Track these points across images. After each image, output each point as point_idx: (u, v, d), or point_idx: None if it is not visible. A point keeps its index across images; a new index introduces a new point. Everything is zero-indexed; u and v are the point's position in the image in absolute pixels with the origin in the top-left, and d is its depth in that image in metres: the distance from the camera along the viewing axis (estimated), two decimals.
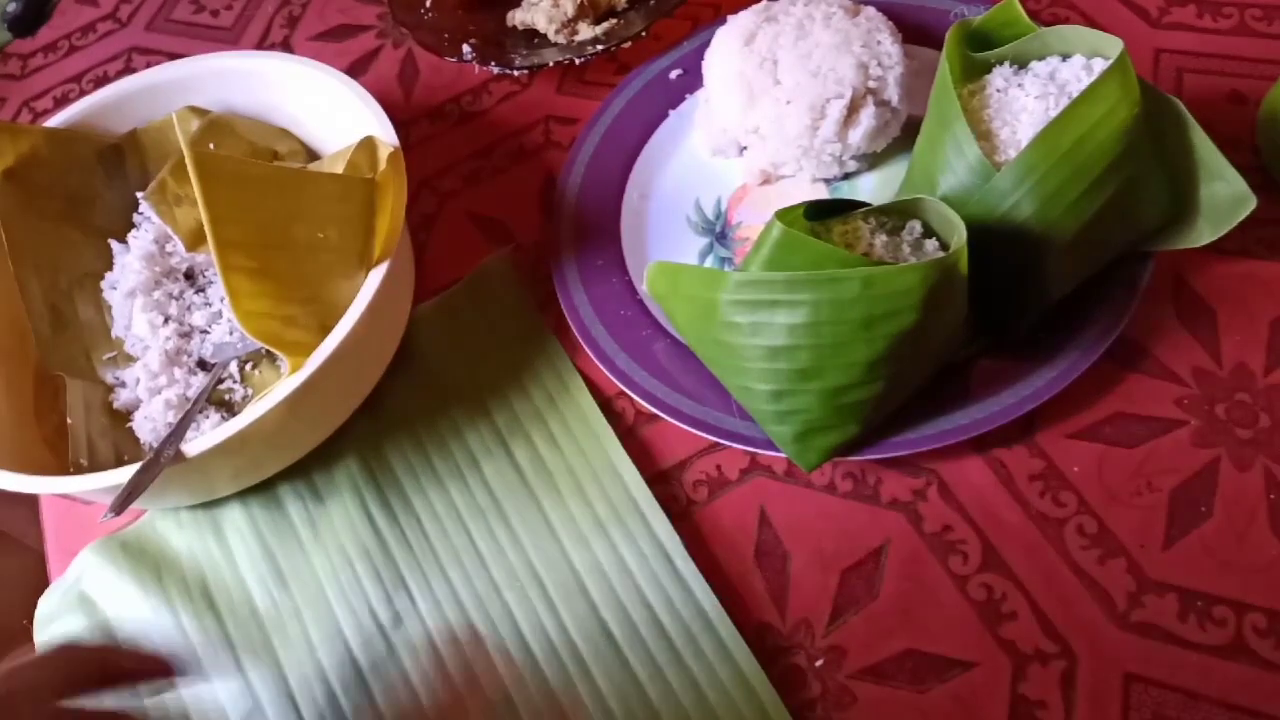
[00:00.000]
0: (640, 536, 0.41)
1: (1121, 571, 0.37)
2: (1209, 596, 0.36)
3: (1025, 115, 0.40)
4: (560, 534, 0.42)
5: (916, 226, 0.39)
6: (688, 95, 0.54)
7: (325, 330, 0.41)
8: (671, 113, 0.53)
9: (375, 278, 0.42)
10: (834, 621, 0.38)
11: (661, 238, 0.50)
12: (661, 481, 0.43)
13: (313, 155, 0.53)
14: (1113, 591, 0.37)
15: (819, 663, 0.37)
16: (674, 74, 0.54)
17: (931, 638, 0.37)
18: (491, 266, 0.50)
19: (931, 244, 0.38)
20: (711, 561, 0.40)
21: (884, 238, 0.38)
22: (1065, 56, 0.42)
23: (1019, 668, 0.36)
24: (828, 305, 0.35)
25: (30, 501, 0.49)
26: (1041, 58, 0.42)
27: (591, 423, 0.44)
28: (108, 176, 0.53)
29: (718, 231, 0.49)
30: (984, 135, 0.40)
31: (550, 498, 0.43)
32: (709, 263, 0.48)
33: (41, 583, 0.47)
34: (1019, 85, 0.41)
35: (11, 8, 0.75)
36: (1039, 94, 0.40)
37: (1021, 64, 0.42)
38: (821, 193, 0.49)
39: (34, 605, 0.45)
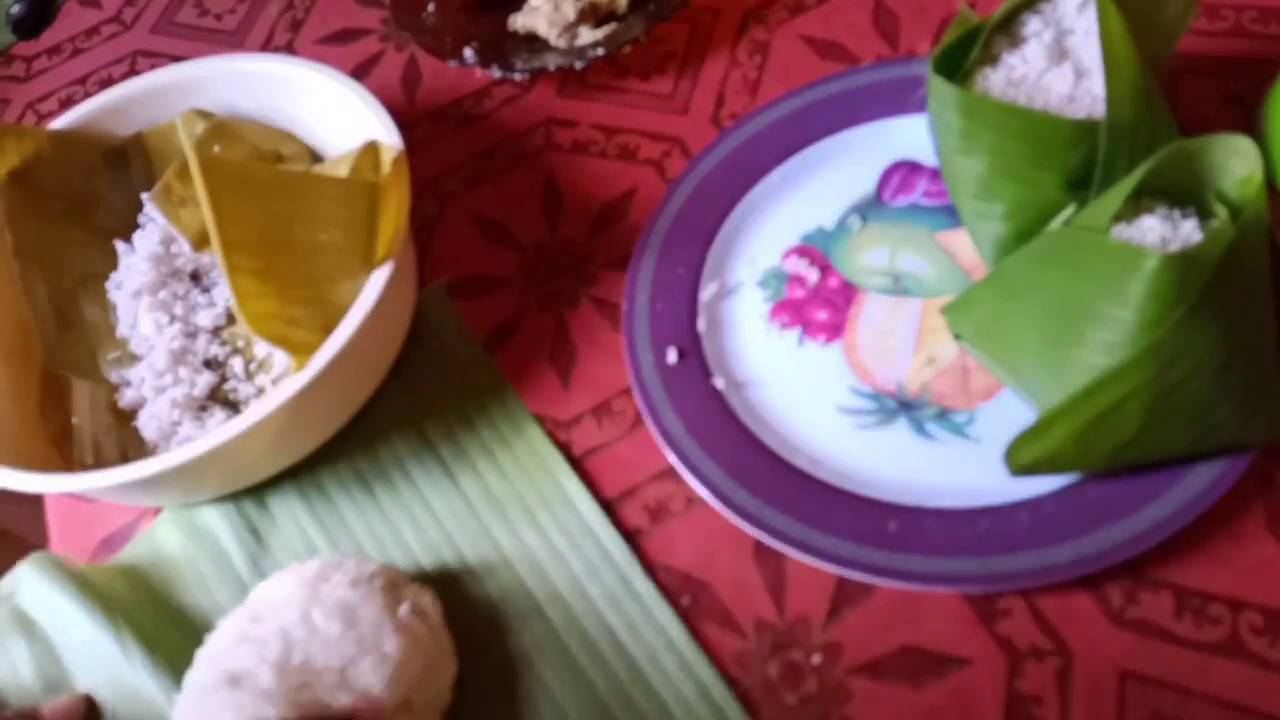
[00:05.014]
0: (597, 561, 0.41)
1: (1117, 569, 0.37)
2: (1205, 594, 0.36)
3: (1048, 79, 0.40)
4: (516, 564, 0.42)
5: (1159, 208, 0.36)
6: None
7: (329, 331, 0.41)
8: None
9: (379, 279, 0.42)
10: (832, 618, 0.38)
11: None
12: (666, 478, 0.43)
13: (317, 158, 0.54)
14: (1108, 589, 0.37)
15: (816, 659, 0.38)
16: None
17: (928, 634, 0.37)
18: (428, 298, 0.50)
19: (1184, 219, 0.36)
20: (710, 558, 0.41)
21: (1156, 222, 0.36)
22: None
23: (1015, 664, 0.36)
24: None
25: (35, 500, 0.49)
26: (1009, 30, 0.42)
27: (540, 451, 0.44)
28: (112, 178, 0.53)
29: None
30: None
31: (502, 528, 0.43)
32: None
33: None
34: (1024, 60, 0.41)
35: (15, 10, 0.75)
36: (1044, 55, 0.40)
37: (1014, 42, 0.42)
38: None
39: None
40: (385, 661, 0.34)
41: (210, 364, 0.48)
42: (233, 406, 0.47)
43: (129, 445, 0.47)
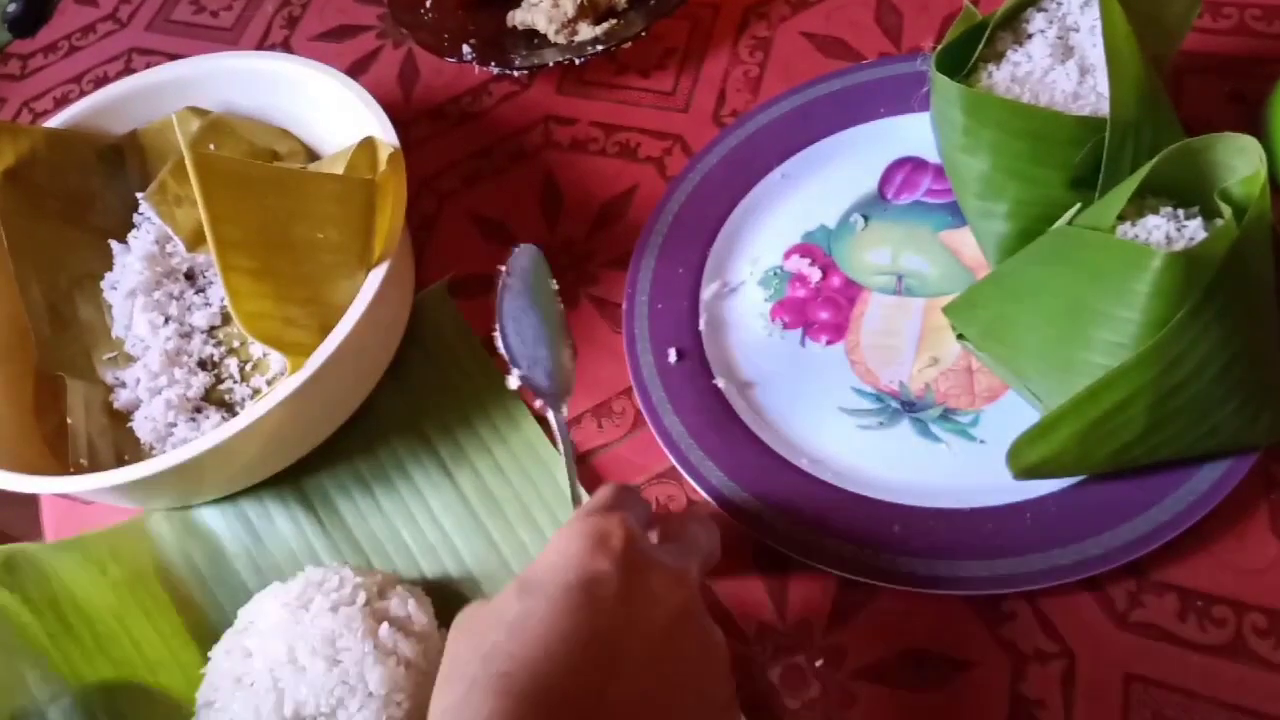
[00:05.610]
0: None
1: (1121, 571, 0.37)
2: (1208, 596, 0.36)
3: (1052, 76, 0.40)
4: (512, 563, 0.42)
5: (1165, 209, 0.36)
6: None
7: (325, 331, 0.41)
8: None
9: (375, 278, 0.42)
10: (834, 621, 0.38)
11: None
12: (667, 479, 0.43)
13: (313, 155, 0.53)
14: (1112, 591, 0.37)
15: (819, 663, 0.37)
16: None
17: (931, 638, 0.37)
18: (429, 298, 0.50)
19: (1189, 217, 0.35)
20: None
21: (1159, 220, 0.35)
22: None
23: (1018, 667, 0.36)
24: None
25: (31, 502, 0.49)
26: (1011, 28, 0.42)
27: (537, 450, 0.44)
28: (107, 177, 0.53)
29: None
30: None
31: (499, 527, 0.43)
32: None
33: None
34: (1028, 57, 0.41)
35: (12, 8, 0.75)
36: (1049, 52, 0.40)
37: (1018, 39, 0.42)
38: None
39: None
40: (370, 700, 0.36)
41: (205, 365, 0.48)
42: (228, 408, 0.46)
43: (124, 446, 0.46)
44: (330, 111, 0.50)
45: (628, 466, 0.44)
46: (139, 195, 0.51)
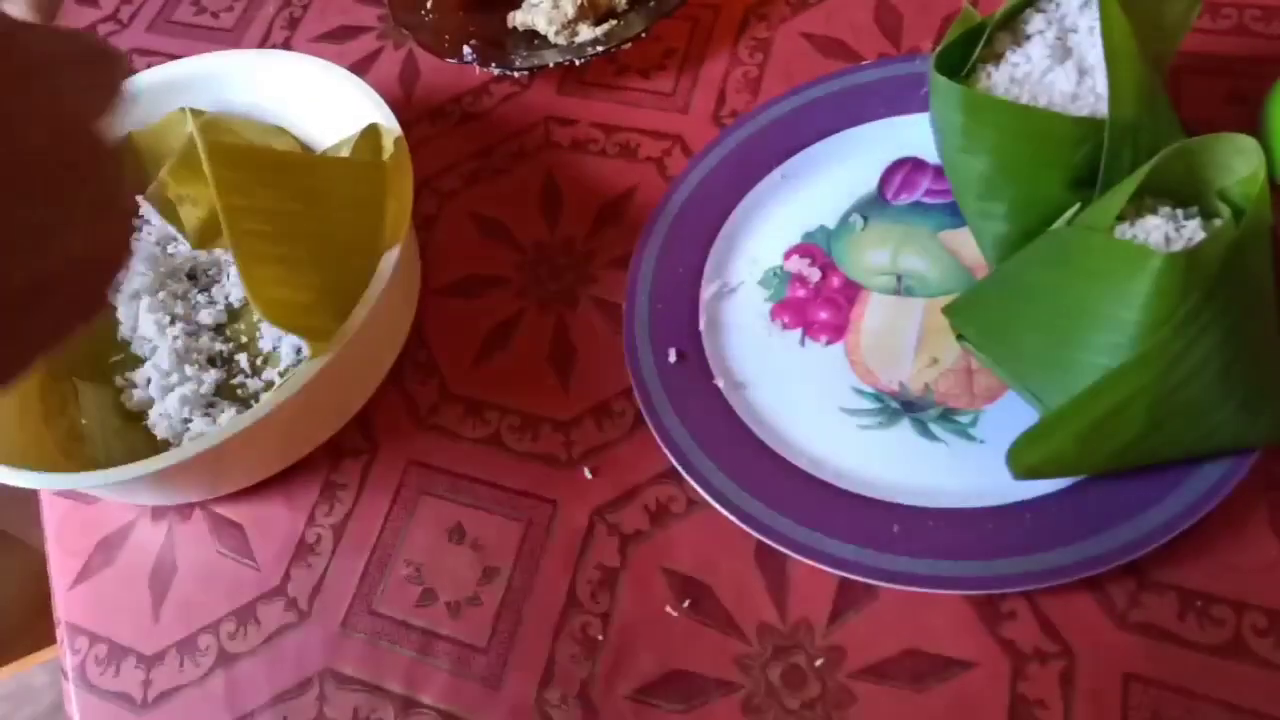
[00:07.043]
0: None
1: (1121, 571, 0.37)
2: (1208, 596, 0.36)
3: (1050, 77, 0.40)
4: None
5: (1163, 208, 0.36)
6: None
7: (342, 315, 0.41)
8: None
9: (389, 261, 0.42)
10: (834, 621, 0.38)
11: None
12: (666, 479, 0.43)
13: (309, 152, 0.54)
14: (1112, 591, 0.37)
15: (819, 662, 0.38)
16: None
17: (931, 637, 0.37)
18: None
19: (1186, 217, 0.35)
20: (712, 561, 0.41)
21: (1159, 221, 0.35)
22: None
23: (1018, 667, 0.36)
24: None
25: (32, 503, 0.49)
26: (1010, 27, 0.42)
27: None
28: None
29: None
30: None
31: None
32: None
33: (43, 580, 0.47)
34: (1027, 58, 0.41)
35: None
36: (1047, 53, 0.40)
37: (1017, 40, 0.42)
38: None
39: (34, 601, 0.45)
40: None
41: (215, 361, 0.48)
42: (243, 402, 0.47)
43: (139, 445, 0.46)
44: (330, 107, 0.50)
45: (628, 467, 0.44)
46: (137, 198, 0.51)
